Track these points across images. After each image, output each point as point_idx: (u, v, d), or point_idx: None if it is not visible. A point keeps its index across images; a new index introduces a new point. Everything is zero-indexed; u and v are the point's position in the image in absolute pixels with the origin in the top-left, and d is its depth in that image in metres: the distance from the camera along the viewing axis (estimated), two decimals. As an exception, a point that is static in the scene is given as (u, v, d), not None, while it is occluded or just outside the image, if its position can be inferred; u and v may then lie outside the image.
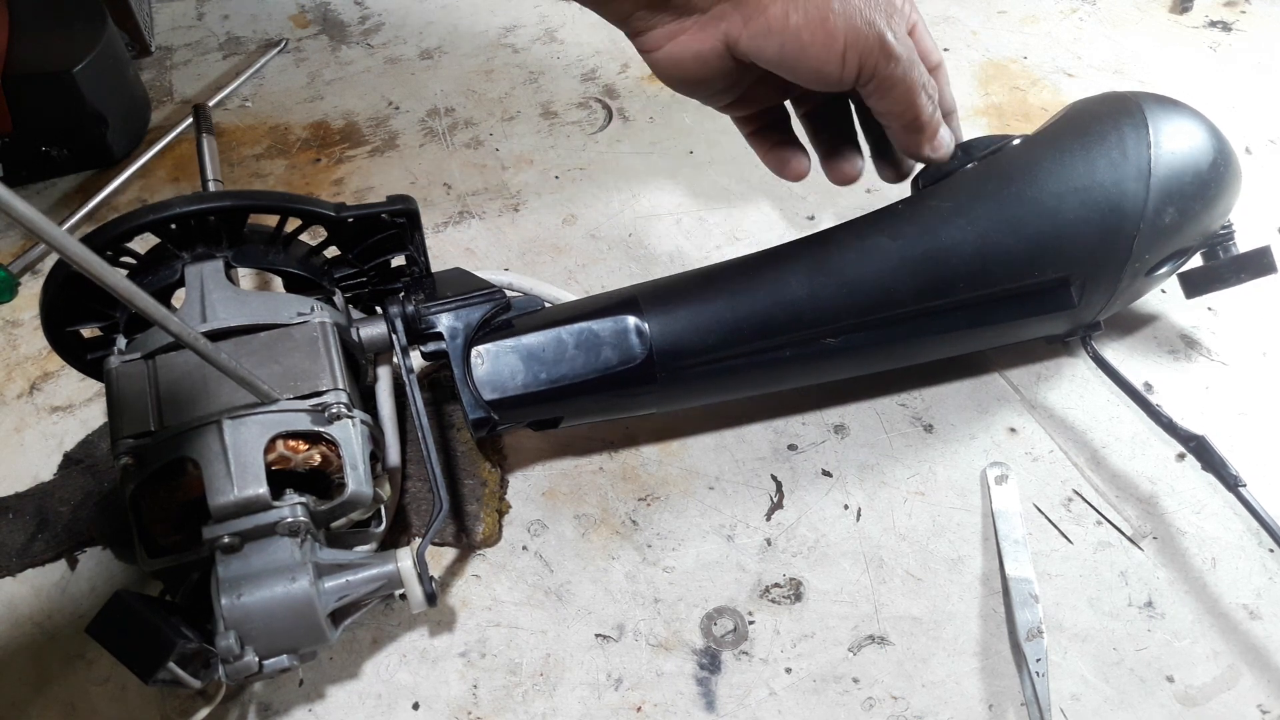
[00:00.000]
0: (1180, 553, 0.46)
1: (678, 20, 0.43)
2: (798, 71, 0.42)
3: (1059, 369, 0.54)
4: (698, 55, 0.43)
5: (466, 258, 0.63)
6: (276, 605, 0.37)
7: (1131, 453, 0.50)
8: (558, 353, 0.45)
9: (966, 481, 0.49)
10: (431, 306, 0.45)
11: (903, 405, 0.53)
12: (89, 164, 0.71)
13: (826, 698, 0.42)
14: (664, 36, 0.44)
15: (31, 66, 0.65)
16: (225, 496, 0.36)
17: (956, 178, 0.47)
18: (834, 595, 0.45)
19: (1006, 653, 0.43)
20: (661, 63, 0.45)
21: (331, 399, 0.39)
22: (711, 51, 0.43)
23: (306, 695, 0.43)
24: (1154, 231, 0.46)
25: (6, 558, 0.48)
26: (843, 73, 0.42)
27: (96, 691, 0.43)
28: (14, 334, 0.59)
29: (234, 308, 0.41)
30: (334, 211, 0.43)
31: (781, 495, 0.49)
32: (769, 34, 0.41)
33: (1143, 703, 0.41)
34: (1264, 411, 0.52)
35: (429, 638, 0.45)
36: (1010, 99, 0.73)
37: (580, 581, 0.47)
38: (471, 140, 0.72)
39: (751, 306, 0.45)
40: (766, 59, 0.42)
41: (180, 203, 0.41)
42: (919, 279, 0.45)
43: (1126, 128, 0.46)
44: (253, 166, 0.71)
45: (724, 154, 0.69)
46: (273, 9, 0.88)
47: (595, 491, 0.50)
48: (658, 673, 0.43)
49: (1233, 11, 0.81)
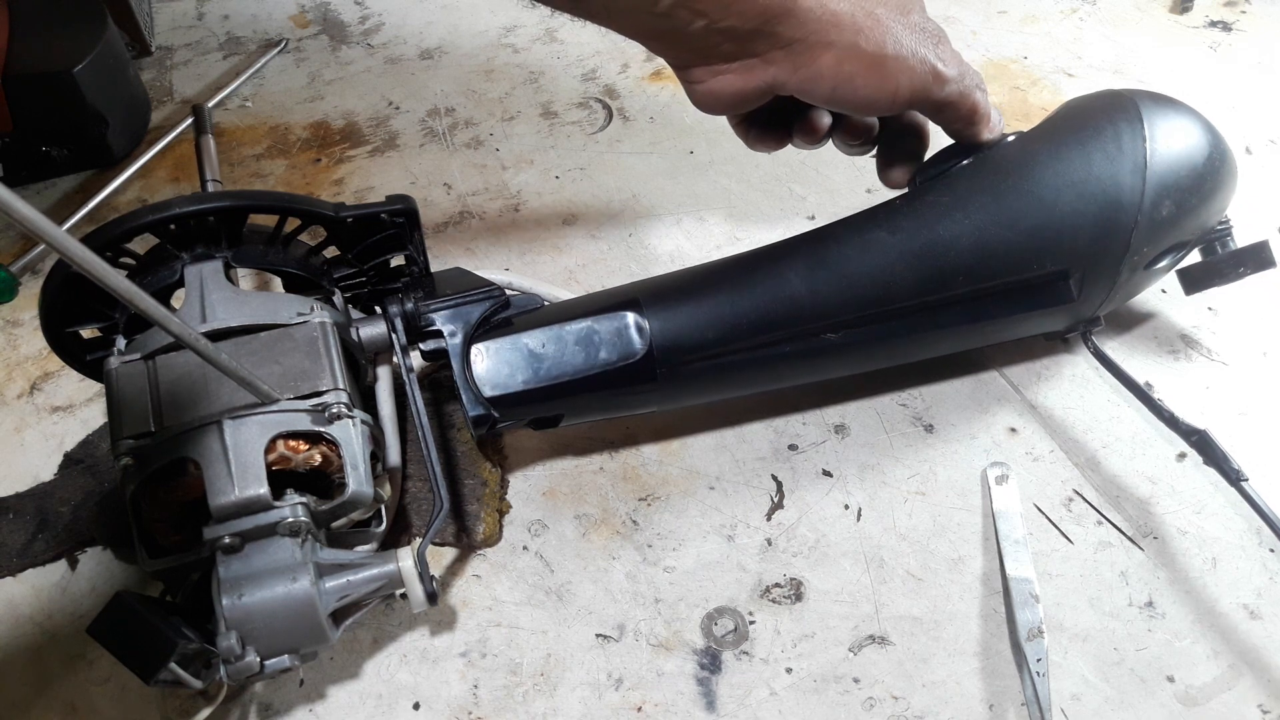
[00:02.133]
0: (1181, 552, 0.46)
1: (726, 63, 0.43)
2: (846, 108, 0.44)
3: (1059, 369, 0.54)
4: (739, 93, 0.43)
5: (467, 258, 0.63)
6: (277, 605, 0.37)
7: (1132, 452, 0.50)
8: (558, 350, 0.45)
9: (967, 481, 0.49)
10: (431, 305, 0.45)
11: (903, 405, 0.53)
12: (89, 164, 0.71)
13: (827, 698, 0.42)
14: (709, 74, 0.44)
15: (31, 66, 0.65)
16: (226, 497, 0.36)
17: (953, 173, 0.47)
18: (834, 595, 0.45)
19: (1007, 653, 0.43)
20: (698, 94, 0.45)
21: (332, 399, 0.39)
22: (754, 91, 0.43)
23: (307, 695, 0.43)
24: (1151, 224, 0.46)
25: (6, 558, 0.48)
26: (894, 106, 0.43)
27: (97, 692, 0.43)
28: (14, 334, 0.59)
29: (234, 308, 0.41)
30: (333, 211, 0.43)
31: (782, 495, 0.49)
32: (819, 80, 0.41)
33: (1143, 703, 0.41)
34: (1264, 411, 0.52)
35: (429, 638, 0.45)
36: (1010, 99, 0.73)
37: (581, 581, 0.47)
38: (471, 140, 0.72)
39: (751, 303, 0.45)
40: (814, 99, 0.43)
41: (180, 203, 0.41)
42: (918, 273, 0.45)
43: (1122, 123, 0.46)
44: (253, 166, 0.71)
45: (724, 154, 0.69)
46: (273, 9, 0.88)
47: (595, 491, 0.50)
48: (658, 673, 0.43)
49: (1233, 11, 0.81)
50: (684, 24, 0.40)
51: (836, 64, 0.41)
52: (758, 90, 0.43)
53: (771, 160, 0.68)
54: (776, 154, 0.51)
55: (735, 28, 0.40)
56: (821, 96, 0.43)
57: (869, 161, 0.51)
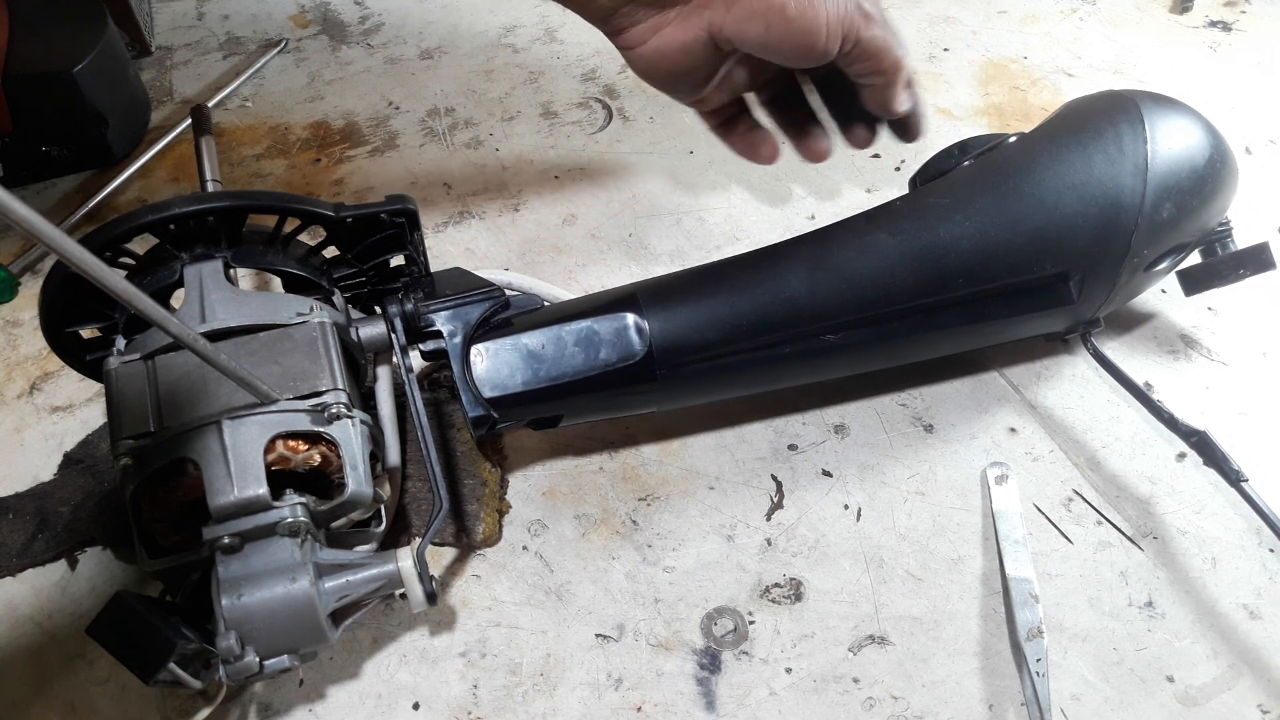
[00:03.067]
0: (1180, 553, 0.46)
1: (661, 13, 0.43)
2: (783, 50, 0.43)
3: (1059, 368, 0.54)
4: (681, 46, 0.43)
5: (467, 258, 0.63)
6: (277, 605, 0.37)
7: (1132, 453, 0.50)
8: (557, 350, 0.45)
9: (967, 481, 0.49)
10: (430, 305, 0.45)
11: (903, 405, 0.53)
12: (89, 164, 0.71)
13: (827, 698, 0.42)
14: (647, 31, 0.44)
15: (31, 66, 0.65)
16: (225, 497, 0.36)
17: (954, 175, 0.47)
18: (834, 595, 0.45)
19: (1007, 653, 0.43)
20: (645, 56, 0.45)
21: (331, 399, 0.39)
22: (695, 41, 0.43)
23: (307, 695, 0.43)
24: (1152, 226, 0.46)
25: (6, 558, 0.48)
26: (827, 44, 0.42)
27: (97, 691, 0.43)
28: (14, 334, 0.59)
29: (233, 308, 0.41)
30: (332, 211, 0.43)
31: (782, 495, 0.49)
32: (753, 16, 0.41)
33: (1143, 703, 0.41)
34: (1264, 411, 0.52)
35: (429, 638, 0.45)
36: (1010, 99, 0.73)
37: (580, 581, 0.47)
38: (471, 140, 0.72)
39: (751, 303, 0.45)
40: (750, 41, 0.43)
41: (179, 203, 0.41)
42: (918, 275, 0.45)
43: (1123, 124, 0.46)
44: (253, 166, 0.71)
45: (724, 154, 0.69)
46: (273, 9, 0.88)
47: (595, 491, 0.50)
48: (658, 673, 0.43)
49: (1233, 11, 0.81)
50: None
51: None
52: (698, 39, 0.43)
53: (771, 160, 0.68)
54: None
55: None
56: (756, 38, 0.42)
57: (869, 161, 0.52)
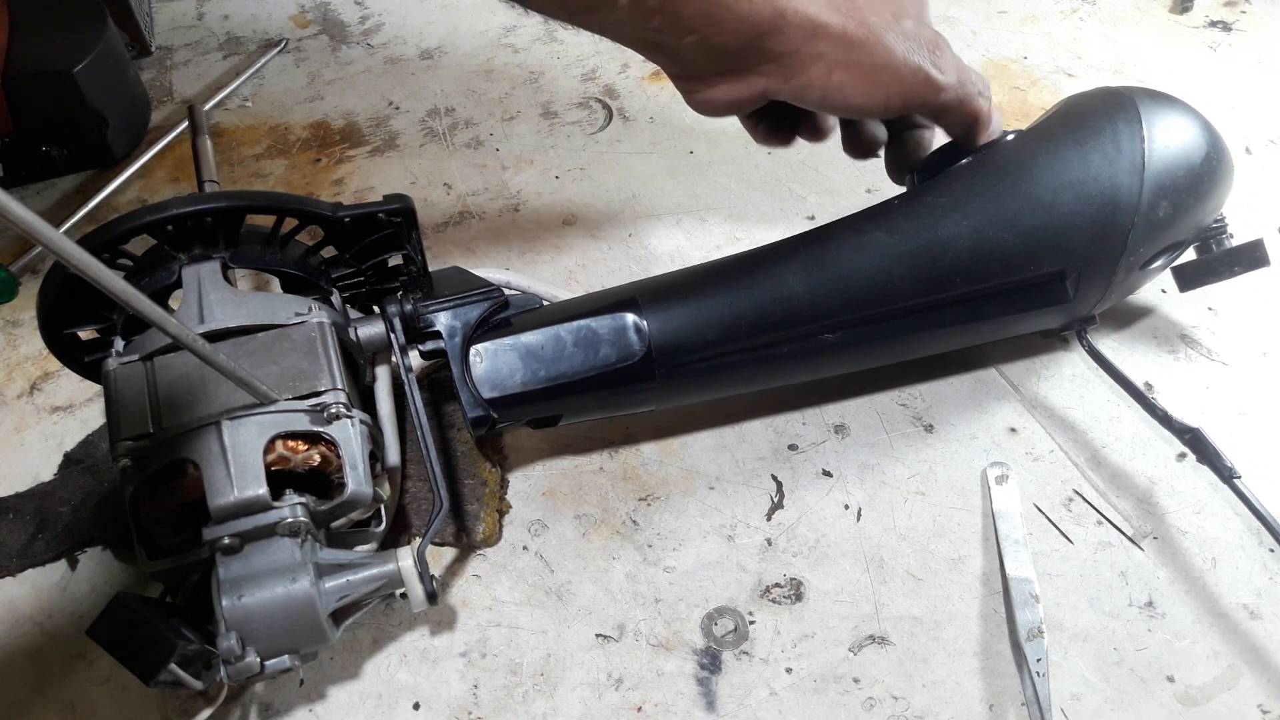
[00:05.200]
0: (1181, 552, 0.46)
1: (719, 76, 0.44)
2: (838, 114, 0.46)
3: (1059, 368, 0.54)
4: (734, 100, 0.44)
5: (466, 258, 0.63)
6: (277, 606, 0.37)
7: (1132, 452, 0.50)
8: (556, 350, 0.45)
9: (967, 481, 0.49)
10: (429, 305, 0.45)
11: (903, 405, 0.53)
12: (89, 164, 0.71)
13: (827, 698, 0.42)
14: (703, 84, 0.45)
15: (31, 66, 0.65)
16: (225, 497, 0.36)
17: (951, 173, 0.47)
18: (834, 595, 0.45)
19: (1007, 653, 0.43)
20: (695, 101, 0.46)
21: (330, 399, 0.39)
22: (749, 98, 0.44)
23: (307, 695, 0.43)
24: (1148, 225, 0.46)
25: (6, 558, 0.48)
26: (887, 112, 0.44)
27: (97, 692, 0.43)
28: (14, 334, 0.59)
29: (231, 308, 0.41)
30: (330, 211, 0.43)
31: (782, 495, 0.49)
32: (809, 89, 0.42)
33: (1143, 703, 0.41)
34: (1264, 411, 0.52)
35: (429, 638, 0.45)
36: (1010, 99, 0.73)
37: (580, 581, 0.47)
38: (471, 140, 0.72)
39: (749, 302, 0.45)
40: (807, 105, 0.44)
41: (177, 204, 0.41)
42: (916, 274, 0.45)
43: (1120, 122, 0.46)
44: (253, 166, 0.71)
45: (724, 154, 0.69)
46: (273, 9, 0.88)
47: (595, 491, 0.50)
48: (658, 673, 0.43)
49: (1233, 11, 0.81)
50: (676, 40, 0.41)
51: (826, 74, 0.41)
52: (751, 97, 0.44)
53: (771, 160, 0.68)
54: (777, 154, 0.52)
55: (726, 45, 0.41)
56: (813, 103, 0.43)
57: (869, 161, 0.52)
